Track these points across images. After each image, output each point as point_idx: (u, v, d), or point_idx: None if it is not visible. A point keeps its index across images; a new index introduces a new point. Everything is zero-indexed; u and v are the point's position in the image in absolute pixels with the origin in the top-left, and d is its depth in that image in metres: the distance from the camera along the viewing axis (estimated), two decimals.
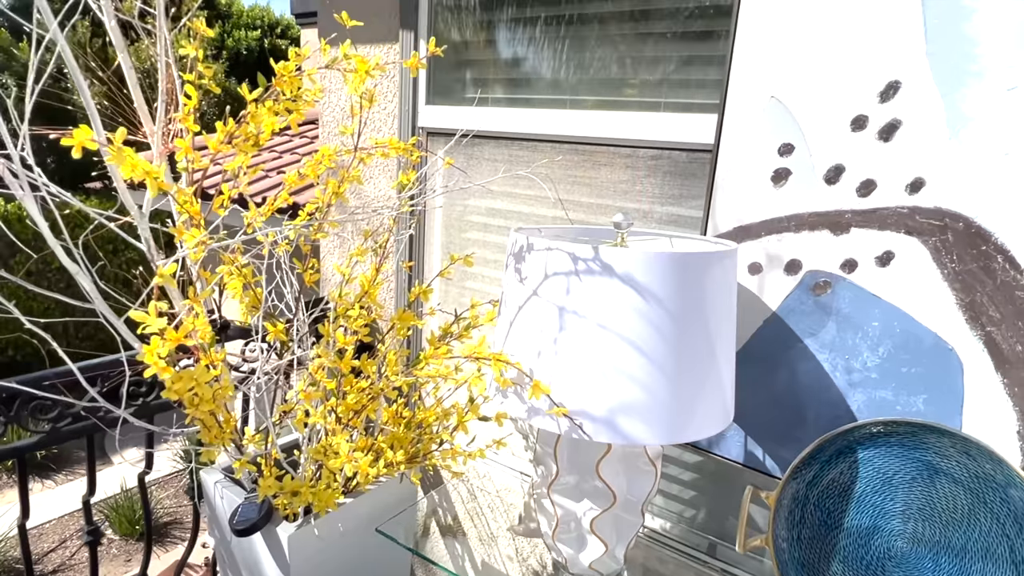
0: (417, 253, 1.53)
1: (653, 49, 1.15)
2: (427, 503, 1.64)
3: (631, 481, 0.94)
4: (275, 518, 1.07)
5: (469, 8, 1.37)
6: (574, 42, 1.24)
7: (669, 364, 0.79)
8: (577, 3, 1.22)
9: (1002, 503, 0.83)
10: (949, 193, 0.84)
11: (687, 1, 1.10)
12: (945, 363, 0.87)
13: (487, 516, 1.54)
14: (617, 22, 1.18)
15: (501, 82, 1.37)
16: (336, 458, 0.85)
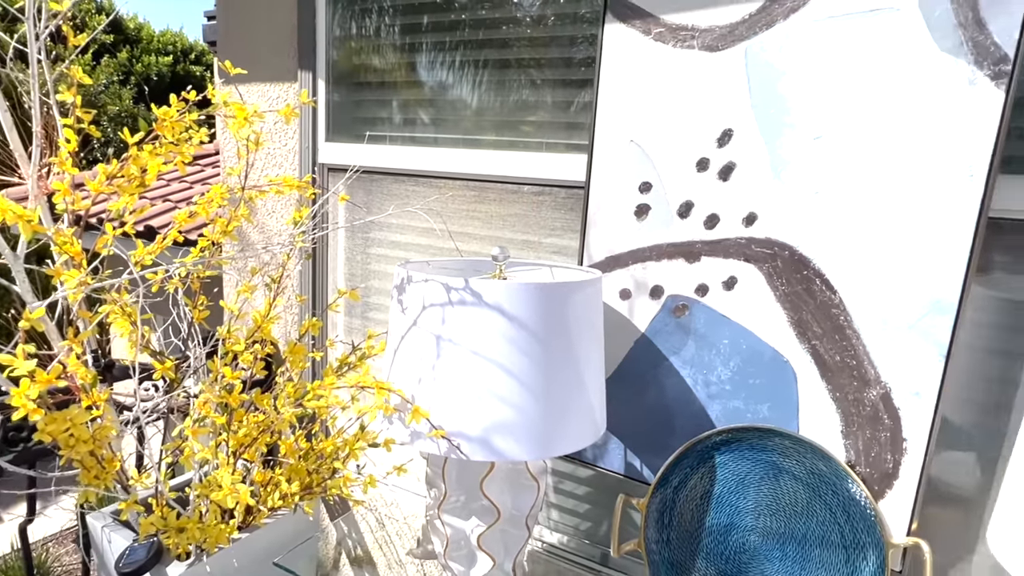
0: (320, 286, 1.55)
1: (536, 94, 1.25)
2: (335, 534, 1.64)
3: (515, 497, 1.01)
4: (165, 559, 1.06)
5: (367, 50, 1.44)
6: (466, 86, 1.33)
7: (538, 385, 0.86)
8: (468, 50, 1.31)
9: (833, 495, 0.95)
10: (776, 225, 0.97)
11: (566, 52, 1.21)
12: (782, 374, 1.00)
13: (395, 543, 1.56)
14: (504, 68, 1.28)
15: (398, 121, 1.43)
16: (219, 491, 0.86)
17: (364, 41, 1.43)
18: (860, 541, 0.93)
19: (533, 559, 1.34)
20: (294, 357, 1.03)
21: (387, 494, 1.56)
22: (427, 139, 1.40)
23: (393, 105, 1.43)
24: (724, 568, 1.00)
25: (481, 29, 1.29)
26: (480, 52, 1.30)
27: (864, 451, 0.95)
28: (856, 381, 0.94)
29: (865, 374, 0.93)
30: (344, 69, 1.48)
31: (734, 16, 0.97)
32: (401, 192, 1.44)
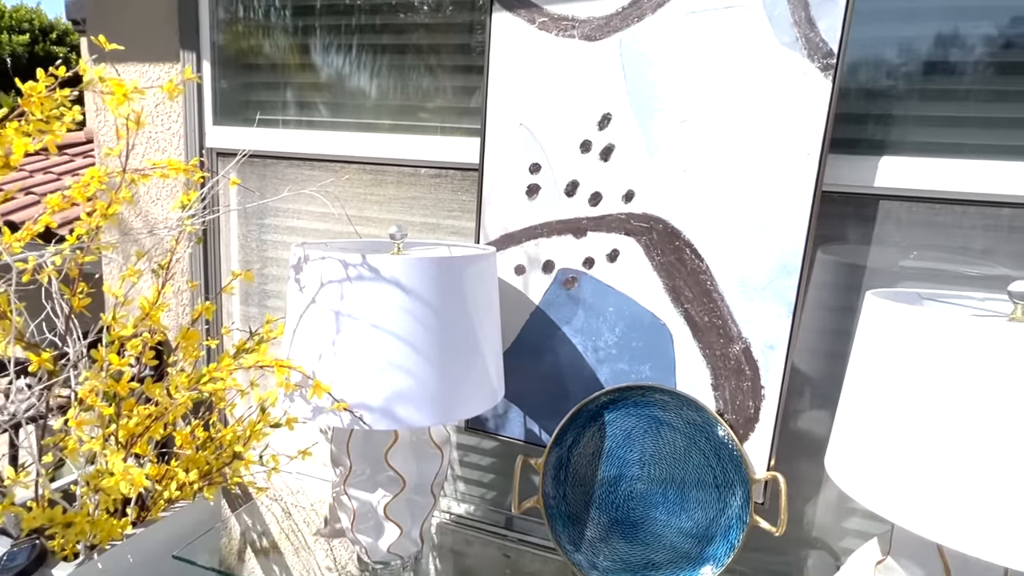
0: (213, 274, 1.51)
1: (432, 79, 1.29)
2: (238, 528, 1.60)
3: (420, 466, 1.05)
4: (50, 561, 1.01)
5: (256, 32, 1.41)
6: (362, 70, 1.34)
7: (435, 355, 0.90)
8: (362, 34, 1.32)
9: (706, 441, 1.07)
10: (651, 201, 1.07)
11: (460, 39, 1.25)
12: (660, 336, 1.10)
13: (303, 531, 1.55)
14: (400, 54, 1.30)
15: (291, 105, 1.42)
16: (111, 478, 0.84)
17: (253, 21, 1.40)
18: (729, 480, 1.05)
19: (441, 530, 1.39)
20: (187, 343, 1.01)
21: (292, 483, 1.54)
22: (322, 123, 1.39)
23: (285, 88, 1.41)
24: (615, 515, 1.09)
25: (377, 15, 1.30)
26: (376, 37, 1.31)
27: (730, 400, 1.07)
28: (722, 339, 1.06)
29: (729, 332, 1.05)
30: (232, 50, 1.43)
31: (609, 9, 1.05)
32: (296, 177, 1.43)
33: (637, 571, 1.08)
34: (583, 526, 1.10)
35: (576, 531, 1.10)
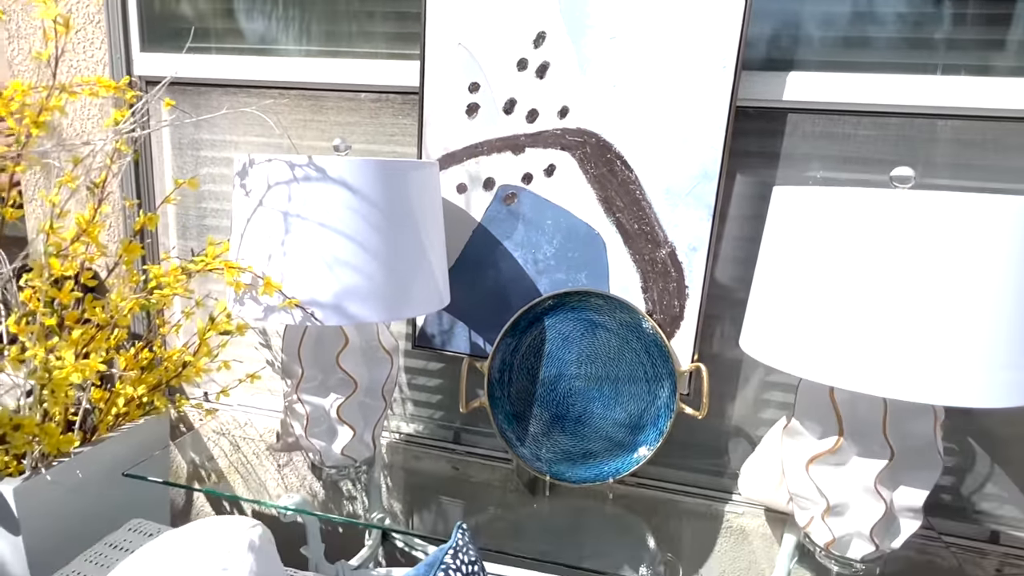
0: (147, 200, 1.48)
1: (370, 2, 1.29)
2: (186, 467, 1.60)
3: (371, 370, 1.09)
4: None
5: None
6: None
7: (383, 253, 0.95)
8: None
9: (637, 340, 1.16)
10: (585, 116, 1.13)
11: None
12: (595, 245, 1.18)
13: (253, 463, 1.57)
14: None
15: (225, 30, 1.39)
16: (61, 370, 0.84)
17: None
18: (659, 373, 1.15)
19: (392, 449, 1.44)
20: (129, 257, 1.01)
21: (240, 416, 1.55)
22: (258, 49, 1.38)
23: (218, 13, 1.39)
24: (556, 411, 1.18)
25: None
26: None
27: (658, 301, 1.16)
28: (650, 244, 1.15)
29: (656, 237, 1.14)
30: None
31: None
32: (232, 104, 1.41)
33: (576, 460, 1.17)
34: (526, 423, 1.18)
35: (520, 427, 1.18)
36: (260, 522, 0.80)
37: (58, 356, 0.83)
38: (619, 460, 1.15)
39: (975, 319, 0.72)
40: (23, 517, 0.99)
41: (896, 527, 0.91)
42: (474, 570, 0.82)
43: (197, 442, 1.53)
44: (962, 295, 0.72)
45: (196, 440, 1.53)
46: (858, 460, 0.88)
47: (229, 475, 1.59)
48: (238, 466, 1.58)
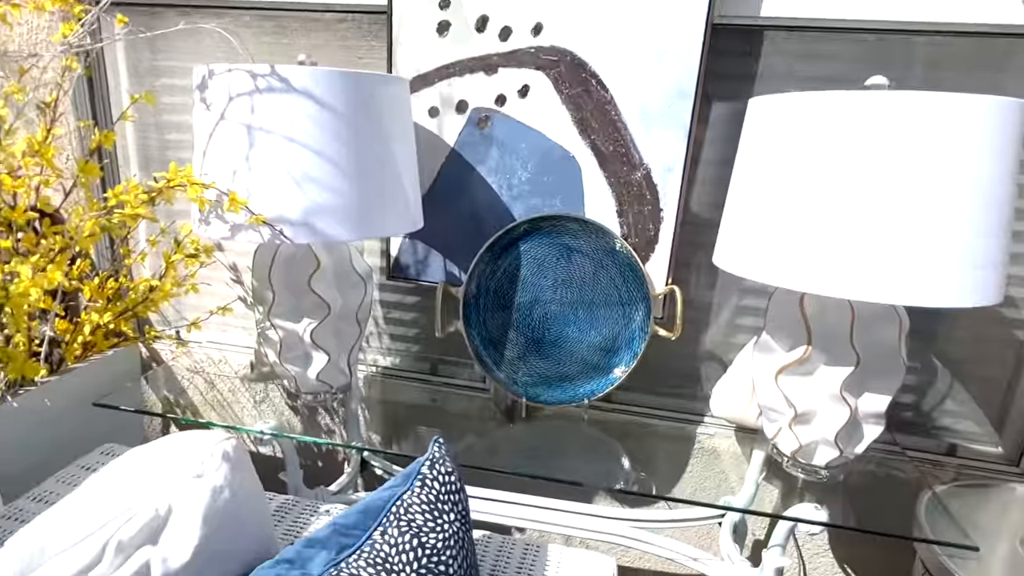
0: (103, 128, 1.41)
1: None
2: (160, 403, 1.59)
3: (344, 294, 1.08)
4: None
5: None
6: None
7: (352, 169, 0.92)
8: None
9: (612, 263, 1.16)
10: (559, 34, 1.10)
11: None
12: (570, 168, 1.16)
13: (229, 399, 1.56)
14: None
15: None
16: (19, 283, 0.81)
17: None
18: (633, 298, 1.16)
19: (369, 382, 1.44)
20: (86, 177, 0.97)
21: (214, 354, 1.54)
22: None
23: None
24: (531, 336, 1.18)
25: None
26: None
27: (634, 224, 1.16)
28: (626, 166, 1.14)
29: (632, 159, 1.13)
30: None
31: None
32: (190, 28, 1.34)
33: (552, 383, 1.18)
34: (502, 348, 1.18)
35: (496, 352, 1.18)
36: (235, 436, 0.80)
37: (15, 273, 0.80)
38: (594, 382, 1.17)
39: (944, 219, 0.73)
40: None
41: (860, 433, 0.94)
42: (451, 480, 0.83)
43: (171, 380, 1.52)
44: (932, 195, 0.72)
45: (170, 378, 1.51)
46: (825, 369, 0.90)
47: (204, 411, 1.58)
48: (214, 403, 1.57)
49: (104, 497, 0.67)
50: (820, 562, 1.35)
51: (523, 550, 0.97)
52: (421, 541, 0.75)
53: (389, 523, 0.76)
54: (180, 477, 0.70)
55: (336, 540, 0.74)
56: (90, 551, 0.59)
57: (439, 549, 0.75)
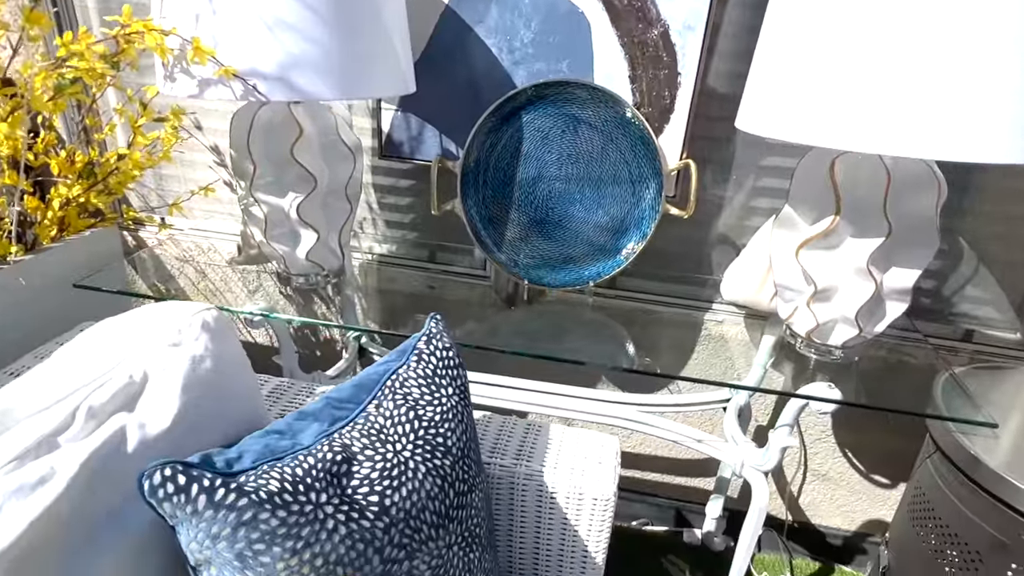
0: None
1: None
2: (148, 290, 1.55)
3: (331, 167, 0.99)
4: None
5: None
6: None
7: (331, 15, 0.81)
8: None
9: (623, 136, 1.06)
10: None
11: None
12: (578, 26, 1.04)
13: (221, 289, 1.51)
14: None
15: None
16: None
17: None
18: (644, 174, 1.07)
19: (365, 270, 1.38)
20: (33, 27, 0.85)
21: (202, 242, 1.47)
22: None
23: None
24: (534, 215, 1.11)
25: None
26: None
27: (647, 92, 1.05)
28: (641, 23, 1.01)
29: (648, 14, 1.01)
30: None
31: None
32: None
33: (556, 266, 1.12)
34: (503, 227, 1.11)
35: (496, 233, 1.11)
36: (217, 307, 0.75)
37: None
38: (599, 264, 1.11)
39: (991, 66, 0.63)
40: None
41: (882, 311, 0.88)
42: (448, 356, 0.79)
43: (159, 268, 1.46)
44: (977, 40, 0.62)
45: (158, 266, 1.46)
46: (852, 241, 0.83)
47: (194, 299, 1.54)
48: (205, 292, 1.52)
49: (75, 365, 0.62)
50: (821, 447, 1.35)
51: (524, 429, 0.95)
52: (417, 414, 0.71)
53: (384, 396, 0.72)
54: (156, 345, 0.65)
55: (329, 412, 0.70)
56: (59, 415, 0.55)
57: (436, 422, 0.72)
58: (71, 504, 0.51)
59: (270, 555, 0.53)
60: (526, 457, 0.89)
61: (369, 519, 0.60)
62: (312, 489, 0.58)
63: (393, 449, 0.67)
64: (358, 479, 0.62)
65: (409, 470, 0.66)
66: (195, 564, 0.54)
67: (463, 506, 0.71)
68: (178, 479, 0.51)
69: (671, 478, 1.48)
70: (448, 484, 0.69)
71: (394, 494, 0.63)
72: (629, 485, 1.51)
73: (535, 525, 0.89)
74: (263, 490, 0.54)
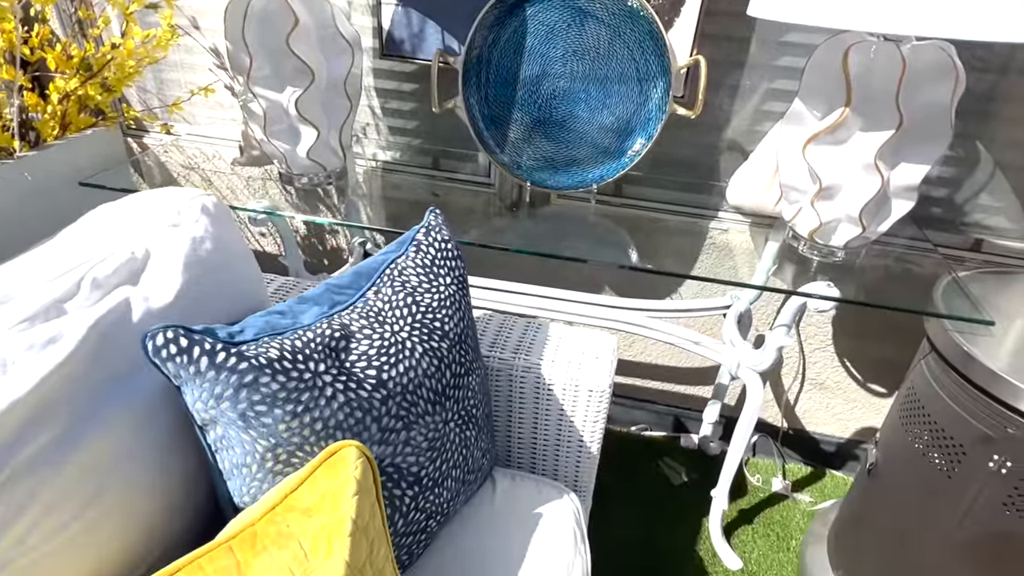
0: None
1: None
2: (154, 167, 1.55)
3: (329, 60, 0.97)
4: None
5: None
6: None
7: None
8: None
9: (631, 31, 1.02)
10: None
11: None
12: None
13: (228, 198, 1.52)
14: None
15: None
16: None
17: None
18: (651, 72, 1.04)
19: (368, 176, 1.38)
20: None
21: (207, 148, 1.46)
22: None
23: None
24: (537, 115, 1.09)
25: None
26: None
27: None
28: None
29: None
30: None
31: None
32: None
33: (559, 168, 1.11)
34: (506, 127, 1.09)
35: (499, 133, 1.09)
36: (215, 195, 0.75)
37: None
38: (604, 167, 1.09)
39: None
40: None
41: (887, 209, 0.87)
42: (447, 247, 0.79)
43: (164, 173, 1.46)
44: None
45: (163, 171, 1.46)
46: (861, 135, 0.81)
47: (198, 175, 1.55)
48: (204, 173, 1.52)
49: (78, 242, 0.64)
50: (820, 356, 1.37)
51: (524, 327, 0.97)
52: (415, 299, 0.73)
53: (383, 283, 0.74)
54: (157, 226, 0.66)
55: (329, 297, 0.72)
56: (65, 284, 0.57)
57: (434, 308, 0.73)
58: (79, 365, 0.53)
59: (271, 416, 0.56)
60: (524, 351, 0.91)
61: (367, 390, 0.62)
62: (311, 359, 0.60)
63: (391, 330, 0.69)
64: (356, 355, 0.64)
65: (406, 349, 0.68)
66: (201, 423, 0.57)
67: (460, 387, 0.74)
68: (180, 341, 0.53)
69: (671, 386, 1.52)
70: (445, 365, 0.71)
71: (391, 370, 0.65)
72: (629, 392, 1.55)
73: (533, 416, 0.92)
74: (263, 356, 0.57)
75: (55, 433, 0.51)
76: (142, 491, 0.57)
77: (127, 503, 0.55)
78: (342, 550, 0.52)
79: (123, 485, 0.55)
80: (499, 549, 0.77)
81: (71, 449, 0.52)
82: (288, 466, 0.58)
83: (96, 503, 0.53)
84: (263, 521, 0.53)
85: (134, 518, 0.56)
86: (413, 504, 0.68)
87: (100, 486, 0.53)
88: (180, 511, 0.61)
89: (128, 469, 0.55)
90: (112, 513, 0.54)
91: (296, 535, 0.53)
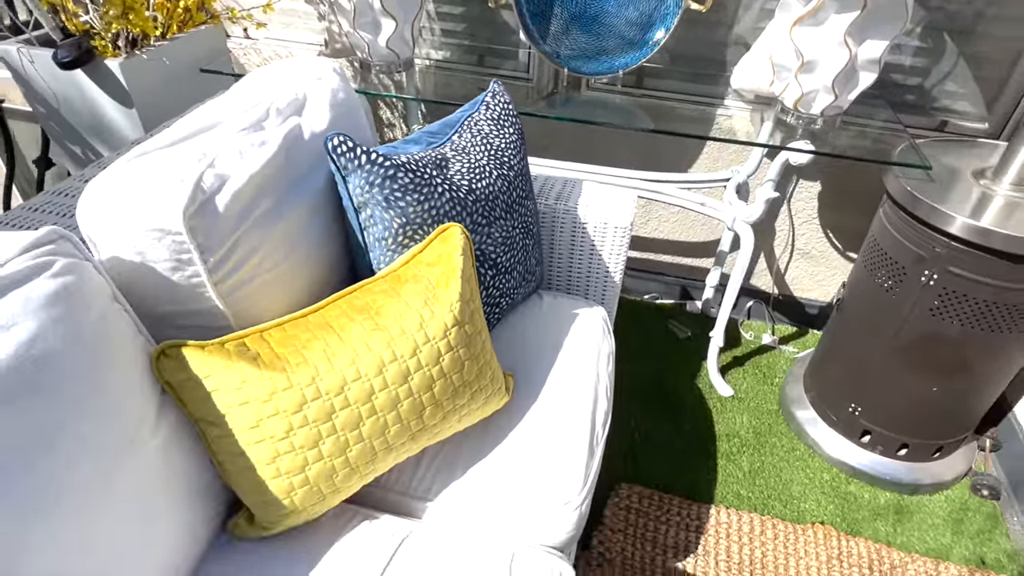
0: None
1: None
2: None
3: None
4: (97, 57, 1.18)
5: None
6: None
7: None
8: None
9: None
10: None
11: None
12: None
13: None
14: None
15: None
16: None
17: None
18: None
19: (424, 75, 1.60)
20: None
21: (281, 51, 1.69)
22: None
23: None
24: (574, 11, 1.30)
25: None
26: None
27: None
28: None
29: None
30: None
31: None
32: None
33: (591, 56, 1.33)
34: (548, 21, 1.31)
35: (542, 26, 1.31)
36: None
37: None
38: (628, 55, 1.31)
39: None
40: (132, 90, 1.19)
41: (855, 80, 1.09)
42: (509, 107, 1.03)
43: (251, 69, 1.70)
44: None
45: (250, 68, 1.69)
46: (835, 17, 1.03)
47: None
48: None
49: (253, 89, 0.89)
50: (807, 229, 1.62)
51: (563, 183, 1.22)
52: (489, 141, 0.98)
53: (464, 130, 0.99)
54: (306, 79, 0.91)
55: (425, 139, 0.97)
56: (258, 112, 0.82)
57: (502, 149, 0.98)
58: (279, 161, 0.80)
59: (404, 201, 0.82)
60: (564, 199, 1.17)
61: (463, 193, 0.89)
62: (426, 167, 0.86)
63: (475, 158, 0.94)
64: (453, 170, 0.90)
65: (486, 171, 0.93)
66: (357, 206, 0.84)
67: (522, 205, 1.00)
68: (348, 143, 0.79)
69: (678, 259, 1.78)
70: (512, 187, 0.97)
71: (477, 183, 0.91)
72: (643, 266, 1.81)
73: (569, 249, 1.18)
74: (398, 159, 0.83)
75: (270, 205, 0.78)
76: (318, 250, 0.84)
77: (310, 256, 0.83)
78: (456, 285, 0.80)
79: (307, 244, 0.82)
80: (549, 331, 1.05)
81: (278, 218, 0.79)
82: (412, 241, 0.85)
83: (294, 253, 0.80)
84: (402, 268, 0.81)
85: (313, 267, 0.84)
86: (492, 282, 0.95)
87: (295, 242, 0.81)
88: (337, 272, 0.89)
89: (308, 236, 0.83)
90: (304, 261, 0.82)
91: (425, 276, 0.80)
